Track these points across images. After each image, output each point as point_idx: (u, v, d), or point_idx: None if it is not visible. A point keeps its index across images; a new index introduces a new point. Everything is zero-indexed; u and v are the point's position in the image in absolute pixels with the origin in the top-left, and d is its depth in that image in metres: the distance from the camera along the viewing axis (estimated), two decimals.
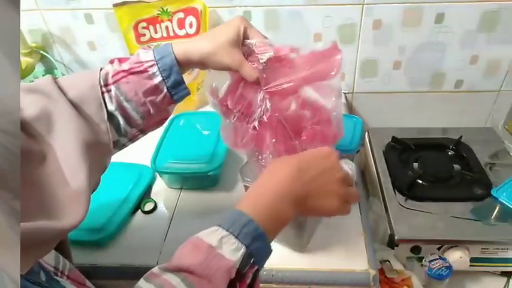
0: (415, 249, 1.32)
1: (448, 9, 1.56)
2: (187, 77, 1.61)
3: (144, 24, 1.59)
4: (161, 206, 1.36)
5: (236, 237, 0.68)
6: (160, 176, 1.41)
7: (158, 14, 1.58)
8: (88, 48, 1.80)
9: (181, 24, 1.60)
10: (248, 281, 0.68)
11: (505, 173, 1.50)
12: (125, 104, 0.86)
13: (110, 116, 0.85)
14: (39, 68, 1.86)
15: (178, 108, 1.60)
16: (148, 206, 1.34)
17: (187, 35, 1.61)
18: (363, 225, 1.25)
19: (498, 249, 1.30)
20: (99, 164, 0.83)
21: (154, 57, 0.87)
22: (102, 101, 0.83)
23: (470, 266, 1.31)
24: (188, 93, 0.93)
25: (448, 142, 1.63)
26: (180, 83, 0.90)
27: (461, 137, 1.62)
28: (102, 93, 0.84)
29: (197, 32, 1.60)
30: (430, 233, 1.31)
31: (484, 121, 1.88)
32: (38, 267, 0.64)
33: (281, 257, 1.16)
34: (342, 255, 1.17)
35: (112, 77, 0.86)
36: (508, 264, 1.34)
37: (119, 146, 0.94)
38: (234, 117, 0.95)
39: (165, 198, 1.39)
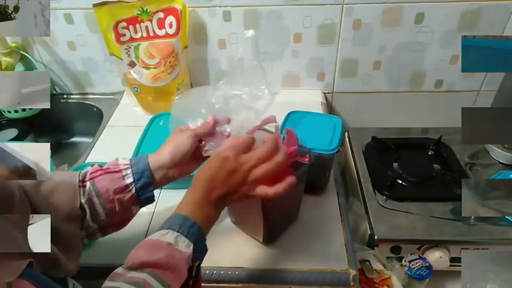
0: (395, 249, 1.33)
1: (428, 9, 1.57)
2: (166, 76, 1.60)
3: (124, 24, 1.58)
4: None
5: (186, 236, 0.82)
6: None
7: (138, 14, 1.57)
8: (68, 48, 1.78)
9: (161, 24, 1.60)
10: (193, 272, 0.82)
11: (485, 173, 1.51)
12: (95, 199, 0.94)
13: (80, 207, 0.93)
14: (19, 68, 1.84)
15: (158, 108, 1.60)
16: None
17: (167, 35, 1.60)
18: (342, 225, 1.25)
19: (478, 249, 1.30)
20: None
21: (130, 162, 1.00)
22: (78, 193, 0.93)
23: (450, 265, 1.32)
24: (153, 196, 1.03)
25: (428, 142, 1.64)
26: (148, 185, 1.00)
27: (441, 137, 1.63)
28: (79, 186, 0.94)
29: (177, 31, 1.59)
30: (410, 233, 1.32)
31: None
32: None
33: (261, 257, 1.17)
34: (322, 255, 1.17)
35: (90, 174, 0.97)
36: None
37: None
38: None
39: None
